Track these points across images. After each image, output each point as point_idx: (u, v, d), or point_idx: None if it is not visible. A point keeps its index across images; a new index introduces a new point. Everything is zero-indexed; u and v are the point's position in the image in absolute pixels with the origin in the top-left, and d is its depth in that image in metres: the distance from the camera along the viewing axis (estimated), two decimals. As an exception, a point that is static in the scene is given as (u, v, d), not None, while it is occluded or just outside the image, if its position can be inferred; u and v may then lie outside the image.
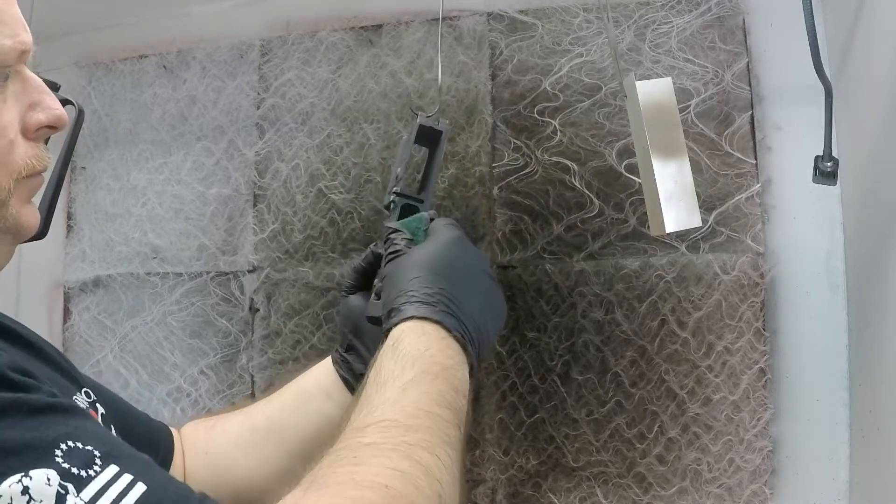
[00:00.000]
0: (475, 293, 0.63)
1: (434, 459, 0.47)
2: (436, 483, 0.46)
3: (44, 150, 0.53)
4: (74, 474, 0.36)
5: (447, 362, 0.56)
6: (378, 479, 0.44)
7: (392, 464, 0.45)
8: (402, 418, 0.50)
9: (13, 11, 0.50)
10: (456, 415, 0.53)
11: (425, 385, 0.53)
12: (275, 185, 1.04)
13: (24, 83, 0.51)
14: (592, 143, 0.91)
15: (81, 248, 1.13)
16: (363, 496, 0.42)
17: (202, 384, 1.05)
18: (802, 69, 0.72)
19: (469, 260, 0.66)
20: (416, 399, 0.52)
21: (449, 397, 0.54)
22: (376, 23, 1.01)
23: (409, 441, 0.48)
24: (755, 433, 0.83)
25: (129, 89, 1.13)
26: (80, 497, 0.35)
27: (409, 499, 0.43)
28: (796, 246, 0.85)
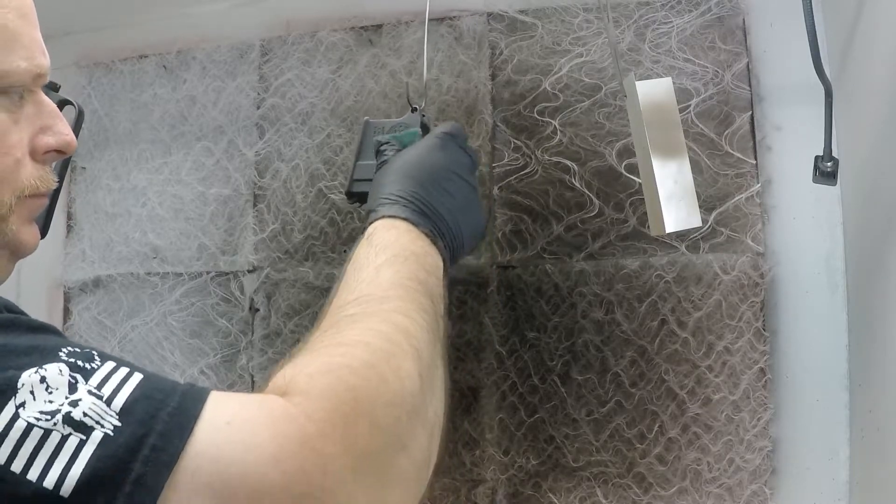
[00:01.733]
0: (448, 197, 0.69)
1: (409, 321, 0.54)
2: (413, 339, 0.52)
3: (49, 173, 0.54)
4: (80, 366, 0.40)
5: (416, 249, 0.63)
6: (360, 337, 0.50)
7: (371, 326, 0.52)
8: (378, 292, 0.56)
9: (33, 35, 0.51)
10: (426, 288, 0.59)
11: (397, 265, 0.59)
12: (275, 185, 1.04)
13: (38, 106, 0.53)
14: (592, 143, 0.91)
15: (81, 248, 1.13)
16: (347, 352, 0.48)
17: (202, 384, 1.05)
18: (802, 69, 0.72)
19: (445, 163, 0.71)
20: (389, 276, 0.58)
21: (420, 275, 0.60)
22: (376, 23, 1.01)
23: (386, 308, 0.54)
24: (755, 433, 0.83)
25: (129, 89, 1.13)
26: (89, 384, 0.39)
27: (390, 352, 0.49)
28: (796, 246, 0.85)
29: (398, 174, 0.69)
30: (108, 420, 0.38)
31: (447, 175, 0.70)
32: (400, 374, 0.48)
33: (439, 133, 0.74)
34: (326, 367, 0.46)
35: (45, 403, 0.37)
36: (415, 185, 0.67)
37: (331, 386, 0.44)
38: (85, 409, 0.38)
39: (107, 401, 0.39)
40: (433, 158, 0.71)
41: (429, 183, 0.68)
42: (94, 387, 0.39)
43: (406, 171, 0.69)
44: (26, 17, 0.51)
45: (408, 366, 0.49)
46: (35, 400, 0.37)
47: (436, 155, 0.72)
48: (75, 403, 0.38)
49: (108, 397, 0.39)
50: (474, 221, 0.72)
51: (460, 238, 0.69)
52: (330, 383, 0.44)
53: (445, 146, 0.73)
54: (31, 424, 0.37)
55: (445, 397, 0.56)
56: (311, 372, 0.45)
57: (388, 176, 0.70)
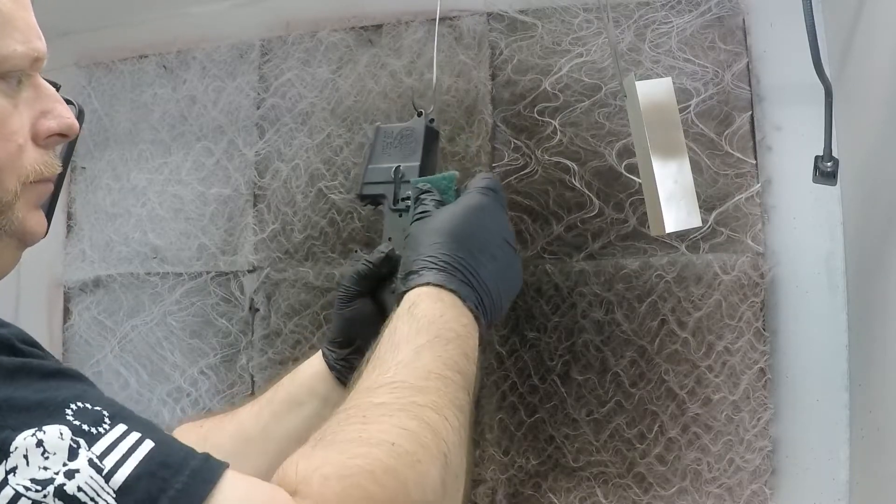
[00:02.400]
0: (493, 263, 0.64)
1: (442, 420, 0.49)
2: (442, 443, 0.47)
3: (53, 157, 0.53)
4: (85, 430, 0.37)
5: (460, 330, 0.58)
6: (385, 436, 0.45)
7: (400, 423, 0.47)
8: (414, 380, 0.51)
9: (29, 19, 0.51)
10: (466, 380, 0.55)
11: (439, 349, 0.54)
12: (275, 185, 1.04)
13: (36, 90, 0.52)
14: (592, 143, 0.91)
15: (81, 248, 1.13)
16: (370, 452, 0.44)
17: (202, 384, 1.05)
18: (802, 69, 0.72)
19: (492, 228, 0.66)
20: (428, 362, 0.53)
21: (461, 363, 0.55)
22: (376, 23, 1.01)
23: (419, 402, 0.49)
24: (755, 433, 0.83)
25: (129, 89, 1.13)
26: (92, 451, 0.36)
27: (416, 456, 0.45)
28: (796, 246, 0.85)
29: (443, 234, 0.63)
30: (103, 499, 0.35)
31: (493, 240, 0.65)
32: (423, 483, 0.45)
33: (482, 189, 0.69)
34: (344, 470, 0.43)
35: (39, 470, 0.35)
36: (461, 251, 0.62)
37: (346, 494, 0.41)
38: (80, 484, 0.35)
39: (106, 475, 0.36)
40: (480, 220, 0.66)
41: (476, 249, 0.63)
42: (97, 456, 0.36)
43: (452, 233, 0.63)
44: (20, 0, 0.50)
45: (433, 473, 0.46)
46: (28, 466, 0.35)
47: (482, 216, 0.66)
48: (71, 475, 0.35)
49: (108, 471, 0.36)
50: (514, 286, 0.68)
51: (500, 306, 0.65)
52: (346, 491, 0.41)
53: (491, 206, 0.68)
54: (20, 494, 0.34)
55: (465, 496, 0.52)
56: (326, 473, 0.42)
57: (430, 235, 0.64)
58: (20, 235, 0.52)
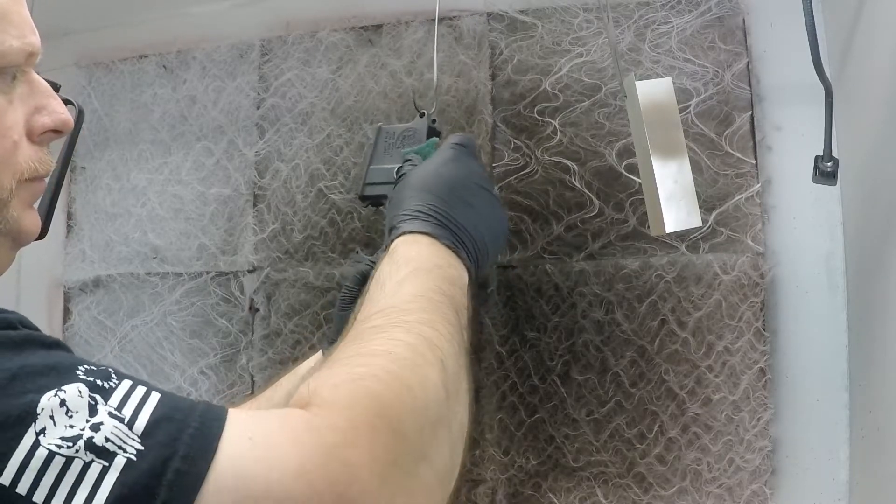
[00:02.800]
0: (467, 206, 0.68)
1: (433, 331, 0.52)
2: (437, 349, 0.51)
3: (47, 154, 0.53)
4: (99, 386, 0.39)
5: (440, 262, 0.62)
6: (383, 347, 0.49)
7: (395, 336, 0.50)
8: (401, 304, 0.55)
9: (23, 13, 0.50)
10: (450, 299, 0.59)
11: (420, 277, 0.59)
12: (275, 185, 1.04)
13: (30, 86, 0.52)
14: (592, 143, 0.91)
15: (81, 248, 1.13)
16: (371, 361, 0.47)
17: (202, 384, 1.05)
18: (802, 69, 0.72)
19: (463, 175, 0.70)
20: (412, 289, 0.57)
21: (444, 286, 0.59)
22: (376, 23, 1.01)
23: (410, 319, 0.53)
24: (755, 433, 0.83)
25: (129, 89, 1.13)
26: (109, 404, 0.38)
27: (414, 361, 0.48)
28: (796, 246, 0.85)
29: (416, 189, 0.69)
30: (130, 444, 0.37)
31: (465, 185, 0.70)
32: (425, 383, 0.47)
33: (452, 144, 0.74)
34: (350, 377, 0.45)
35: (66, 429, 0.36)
36: (434, 199, 0.67)
37: (355, 395, 0.44)
38: (107, 434, 0.37)
39: (128, 423, 0.38)
40: (450, 170, 0.70)
41: (448, 195, 0.67)
42: (115, 408, 0.38)
43: (424, 186, 0.68)
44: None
45: (433, 376, 0.49)
46: (56, 425, 0.36)
47: (452, 166, 0.71)
48: (97, 427, 0.37)
49: (129, 419, 0.38)
50: (496, 228, 0.72)
51: (484, 246, 0.68)
52: (354, 393, 0.44)
53: (459, 157, 0.72)
54: (53, 452, 0.36)
55: (470, 409, 0.55)
56: (335, 382, 0.45)
57: (406, 191, 0.69)
58: (15, 234, 0.52)
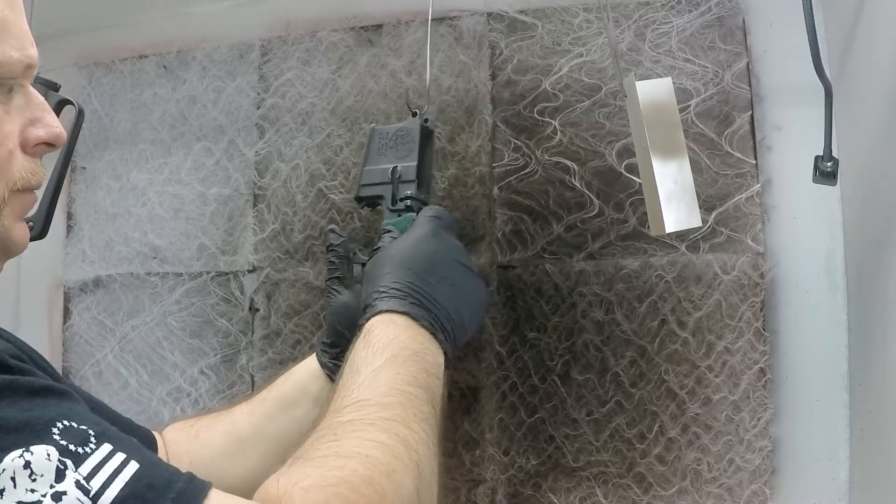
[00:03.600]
0: (445, 283, 0.66)
1: (410, 432, 0.51)
2: (413, 453, 0.49)
3: (39, 166, 0.53)
4: (72, 451, 0.37)
5: (416, 347, 0.60)
6: (359, 449, 0.47)
7: (371, 436, 0.49)
8: (377, 397, 0.53)
9: (23, 25, 0.51)
10: (428, 393, 0.57)
11: (396, 367, 0.57)
12: (275, 185, 1.04)
13: (27, 98, 0.52)
14: (592, 143, 0.91)
15: (81, 248, 1.13)
16: (346, 464, 0.45)
17: (202, 384, 1.05)
18: (802, 69, 0.72)
19: (440, 251, 0.69)
20: (388, 380, 0.55)
21: (420, 378, 0.57)
22: (376, 23, 1.01)
23: (385, 416, 0.51)
24: (755, 433, 0.83)
25: (129, 89, 1.13)
26: (79, 472, 0.37)
27: (390, 466, 0.47)
28: (796, 246, 0.85)
29: (393, 265, 0.67)
30: None
31: (444, 262, 0.68)
32: (399, 491, 0.46)
33: (429, 217, 0.73)
34: (324, 482, 0.44)
35: (26, 493, 0.35)
36: (412, 276, 0.65)
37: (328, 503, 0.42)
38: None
39: (94, 496, 0.36)
40: (428, 246, 0.69)
41: (426, 273, 0.66)
42: (83, 477, 0.36)
43: (402, 262, 0.67)
44: (14, 6, 0.50)
45: (407, 482, 0.47)
46: (16, 488, 0.35)
47: (430, 242, 0.69)
48: (59, 497, 0.35)
49: (95, 492, 0.36)
50: (475, 305, 0.70)
51: (462, 325, 0.67)
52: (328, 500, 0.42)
53: (438, 232, 0.71)
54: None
55: None
56: (306, 486, 0.43)
57: (382, 267, 0.67)
58: (3, 245, 0.52)
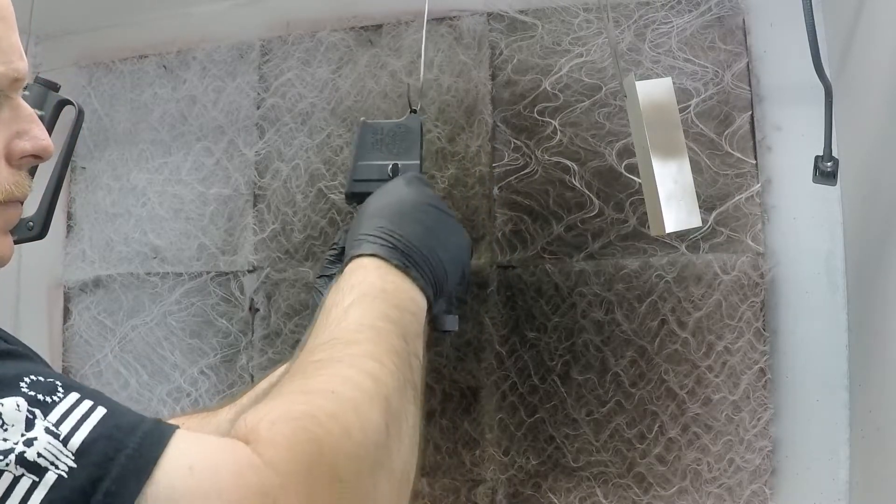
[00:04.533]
0: (419, 225, 0.66)
1: (379, 366, 0.51)
2: (382, 386, 0.49)
3: (25, 179, 0.53)
4: (40, 400, 0.38)
5: (386, 286, 0.61)
6: (326, 385, 0.48)
7: (338, 372, 0.49)
8: (346, 335, 0.54)
9: (12, 39, 0.50)
10: (399, 328, 0.57)
11: (365, 305, 0.57)
12: (275, 185, 1.04)
13: (15, 110, 0.52)
14: (592, 143, 0.91)
15: (81, 248, 1.13)
16: (312, 400, 0.46)
17: (202, 384, 1.05)
18: (802, 69, 0.72)
19: (413, 197, 0.69)
20: (357, 317, 0.56)
21: (391, 313, 0.57)
22: (376, 23, 1.01)
23: (354, 352, 0.52)
24: (755, 433, 0.83)
25: (129, 89, 1.13)
26: (48, 420, 0.38)
27: (356, 401, 0.47)
28: (796, 246, 0.85)
29: (365, 216, 0.68)
30: (62, 461, 0.36)
31: (416, 206, 0.68)
32: (365, 426, 0.46)
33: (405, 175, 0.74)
34: (289, 415, 0.44)
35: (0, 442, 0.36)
36: (381, 221, 0.66)
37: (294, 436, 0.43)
38: (40, 450, 0.36)
39: (63, 440, 0.37)
40: (400, 194, 0.69)
41: (397, 217, 0.66)
42: (53, 423, 0.38)
43: (373, 212, 0.68)
44: (5, 20, 0.50)
45: (374, 416, 0.47)
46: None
47: (402, 191, 0.70)
48: (30, 442, 0.36)
49: (65, 436, 0.37)
50: (454, 245, 0.70)
51: (440, 266, 0.66)
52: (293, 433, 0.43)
53: (411, 182, 0.72)
54: None
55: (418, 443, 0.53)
56: (273, 419, 0.44)
57: (356, 221, 0.69)
58: None
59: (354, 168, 0.79)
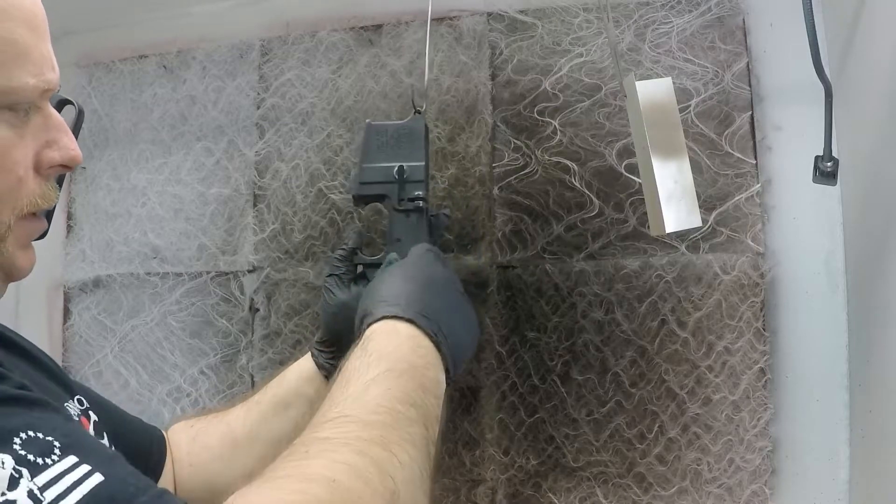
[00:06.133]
0: (446, 301, 0.64)
1: (389, 456, 0.46)
2: (388, 479, 0.45)
3: (52, 189, 0.53)
4: (30, 461, 0.36)
5: (417, 361, 0.56)
6: (325, 472, 0.43)
7: (342, 458, 0.44)
8: (361, 414, 0.49)
9: (44, 50, 0.50)
10: (421, 413, 0.52)
11: (390, 382, 0.52)
12: (275, 185, 1.04)
13: (45, 120, 0.52)
14: (592, 143, 0.91)
15: (81, 248, 1.13)
16: (308, 489, 0.42)
17: (202, 384, 1.05)
18: (802, 69, 0.72)
19: (441, 275, 0.67)
20: (377, 395, 0.51)
21: (415, 395, 0.53)
22: (376, 23, 1.01)
23: (364, 437, 0.47)
24: (755, 433, 0.83)
25: (129, 89, 1.13)
26: (34, 482, 0.35)
27: (357, 493, 0.42)
28: (796, 246, 0.85)
29: (398, 279, 0.65)
30: None
31: (443, 284, 0.66)
32: None
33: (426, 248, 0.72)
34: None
35: None
36: (415, 289, 0.62)
37: None
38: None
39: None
40: (432, 268, 0.68)
41: (427, 289, 0.63)
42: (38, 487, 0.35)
43: (404, 277, 0.65)
44: (37, 30, 0.49)
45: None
46: None
47: (430, 266, 0.68)
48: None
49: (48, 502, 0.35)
50: (471, 329, 0.68)
51: (460, 346, 0.63)
52: None
53: (436, 258, 0.70)
54: None
55: None
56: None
57: (385, 281, 0.65)
58: (7, 270, 0.52)
59: (361, 170, 0.79)
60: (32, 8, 0.49)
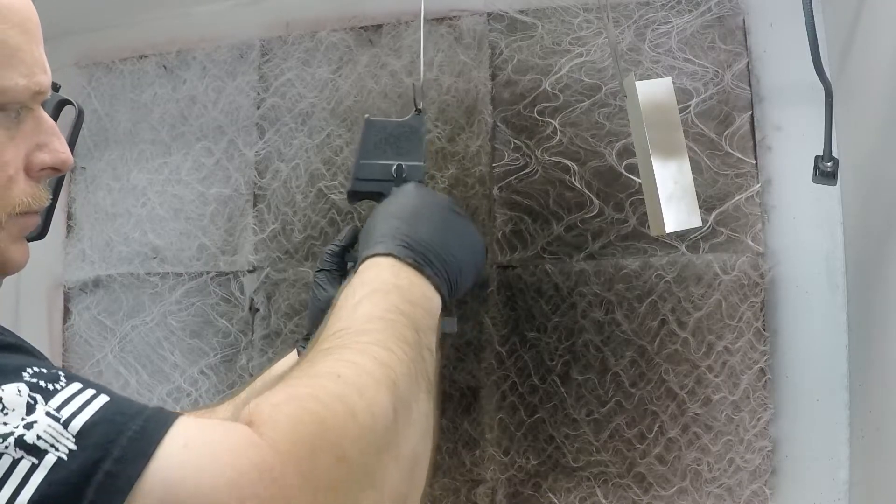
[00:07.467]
0: (435, 226, 0.67)
1: (387, 352, 0.51)
2: (390, 371, 0.49)
3: (42, 190, 0.54)
4: (42, 387, 0.39)
5: (400, 282, 0.60)
6: (331, 369, 0.48)
7: (345, 357, 0.49)
8: (356, 325, 0.54)
9: (35, 52, 0.51)
10: (410, 319, 0.56)
11: (377, 299, 0.57)
12: (275, 185, 1.04)
13: (36, 122, 0.52)
14: (592, 143, 0.91)
15: (81, 248, 1.13)
16: (316, 382, 0.46)
17: (202, 384, 1.05)
18: (802, 69, 0.72)
19: (428, 200, 0.70)
20: (367, 310, 0.56)
21: (403, 307, 0.57)
22: (376, 23, 1.01)
23: (363, 340, 0.52)
24: (755, 433, 0.83)
25: (129, 89, 1.13)
26: (49, 405, 0.38)
27: (362, 384, 0.47)
28: (796, 246, 0.85)
29: (380, 218, 0.68)
30: (63, 443, 0.37)
31: (432, 208, 0.69)
32: (371, 408, 0.46)
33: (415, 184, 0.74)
34: (291, 396, 0.45)
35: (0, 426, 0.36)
36: (397, 223, 0.66)
37: (296, 415, 0.43)
38: (39, 432, 0.36)
39: (64, 423, 0.37)
40: (415, 197, 0.70)
41: (412, 218, 0.66)
42: (54, 408, 0.38)
43: (388, 214, 0.68)
44: (29, 32, 0.50)
45: (381, 399, 0.47)
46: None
47: (417, 193, 0.71)
48: (30, 426, 0.37)
49: (66, 419, 0.37)
50: (470, 247, 0.70)
51: (456, 264, 0.66)
52: (296, 413, 0.43)
53: (421, 188, 0.72)
54: None
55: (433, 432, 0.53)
56: (275, 402, 0.44)
57: (370, 223, 0.69)
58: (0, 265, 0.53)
59: (358, 166, 0.78)
60: (24, 10, 0.50)
